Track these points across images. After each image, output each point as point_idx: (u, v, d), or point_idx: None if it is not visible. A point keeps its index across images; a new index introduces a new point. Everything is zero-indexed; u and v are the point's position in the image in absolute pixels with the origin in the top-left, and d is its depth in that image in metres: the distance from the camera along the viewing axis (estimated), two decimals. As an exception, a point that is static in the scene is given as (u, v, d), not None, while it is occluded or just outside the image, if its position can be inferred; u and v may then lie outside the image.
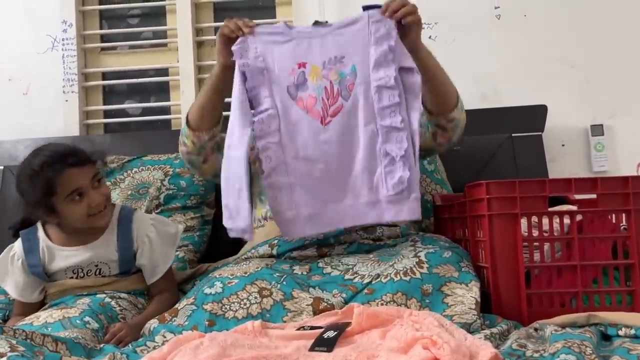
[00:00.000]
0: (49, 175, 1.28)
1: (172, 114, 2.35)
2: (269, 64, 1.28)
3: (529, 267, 1.22)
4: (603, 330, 1.04)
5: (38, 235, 1.39)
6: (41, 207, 1.32)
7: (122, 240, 1.39)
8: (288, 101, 1.27)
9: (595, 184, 1.23)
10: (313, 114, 1.26)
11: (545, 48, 2.18)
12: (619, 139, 2.15)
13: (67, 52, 2.29)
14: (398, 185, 1.24)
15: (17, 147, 2.16)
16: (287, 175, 1.25)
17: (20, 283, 1.38)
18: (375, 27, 1.28)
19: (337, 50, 1.29)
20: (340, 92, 1.27)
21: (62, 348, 1.01)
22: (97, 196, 1.33)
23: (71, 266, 1.38)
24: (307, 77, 1.28)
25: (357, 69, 1.27)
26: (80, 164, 1.32)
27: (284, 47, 1.29)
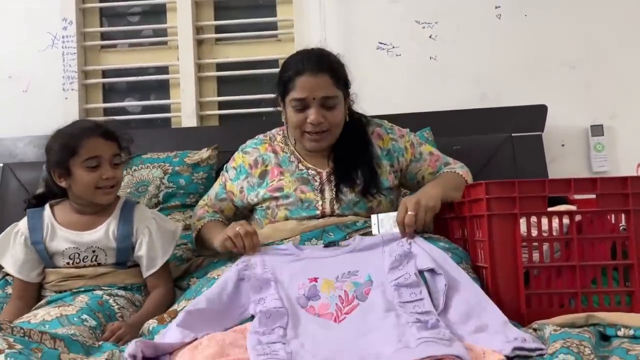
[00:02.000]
0: (77, 136, 1.39)
1: (172, 112, 2.35)
2: (278, 277, 1.21)
3: (528, 268, 1.22)
4: (602, 331, 1.04)
5: (44, 214, 1.45)
6: (60, 166, 1.40)
7: (122, 229, 1.43)
8: (297, 308, 1.14)
9: (595, 184, 1.22)
10: (325, 317, 1.12)
11: (546, 48, 2.18)
12: (619, 140, 2.15)
13: (67, 50, 2.29)
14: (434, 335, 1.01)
15: (17, 145, 2.16)
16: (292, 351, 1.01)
17: (20, 259, 1.42)
18: (388, 247, 1.26)
19: (350, 266, 1.22)
20: (356, 296, 1.16)
21: (60, 345, 1.01)
22: (110, 172, 1.40)
23: (70, 248, 1.41)
24: (319, 289, 1.18)
25: (373, 277, 1.19)
26: (108, 138, 1.42)
27: (293, 265, 1.24)
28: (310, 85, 1.41)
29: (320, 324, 1.10)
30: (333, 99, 1.44)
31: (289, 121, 1.49)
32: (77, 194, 1.42)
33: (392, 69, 2.21)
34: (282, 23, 2.34)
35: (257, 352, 0.96)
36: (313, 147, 1.48)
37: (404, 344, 0.98)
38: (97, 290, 1.39)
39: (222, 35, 2.34)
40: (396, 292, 1.13)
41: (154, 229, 1.44)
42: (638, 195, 1.20)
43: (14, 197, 2.02)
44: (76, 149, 1.38)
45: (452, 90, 2.19)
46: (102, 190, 1.40)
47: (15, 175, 2.06)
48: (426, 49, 2.21)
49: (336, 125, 1.47)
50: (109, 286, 1.41)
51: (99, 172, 1.39)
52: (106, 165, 1.40)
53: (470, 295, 1.13)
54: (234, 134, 2.04)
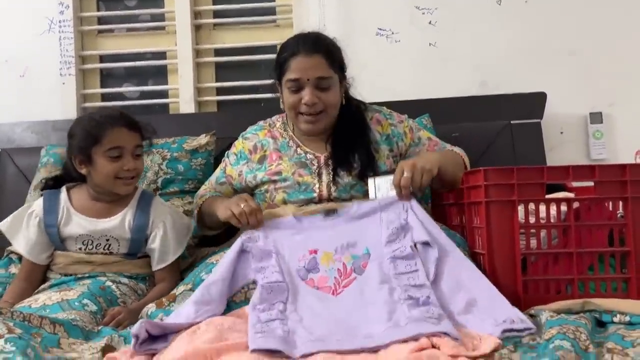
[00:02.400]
0: (101, 125, 1.39)
1: (170, 98, 2.33)
2: (279, 249, 1.24)
3: (526, 254, 1.22)
4: (598, 317, 1.04)
5: (60, 197, 1.45)
6: (82, 153, 1.40)
7: (137, 221, 1.43)
8: (297, 280, 1.18)
9: (593, 172, 1.23)
10: (324, 290, 1.17)
11: (546, 35, 2.17)
12: (618, 127, 2.14)
13: (64, 35, 2.27)
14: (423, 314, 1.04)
15: (15, 130, 2.16)
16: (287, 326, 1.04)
17: (32, 240, 1.42)
18: (386, 214, 1.27)
19: (349, 237, 1.25)
20: (354, 269, 1.20)
21: (59, 330, 1.02)
22: (132, 163, 1.41)
23: (83, 235, 1.42)
24: (318, 262, 1.22)
25: (370, 249, 1.22)
26: (132, 128, 1.42)
27: (294, 237, 1.26)
28: (304, 66, 1.43)
29: (319, 297, 1.14)
30: (327, 80, 1.45)
31: (285, 103, 1.50)
32: (97, 182, 1.42)
33: (391, 55, 2.20)
34: (280, 8, 2.32)
35: (255, 329, 0.98)
36: (308, 129, 1.48)
37: (394, 322, 1.02)
38: (101, 277, 1.39)
39: (220, 20, 2.33)
40: (392, 265, 1.17)
41: (169, 224, 1.45)
42: (636, 182, 1.21)
43: (11, 183, 2.02)
44: (99, 137, 1.38)
45: (451, 77, 2.18)
46: (123, 180, 1.41)
47: (13, 161, 2.05)
48: (426, 35, 2.20)
49: (331, 106, 1.47)
50: (115, 274, 1.41)
51: (120, 163, 1.39)
52: (128, 156, 1.40)
53: (461, 267, 1.16)
54: (232, 120, 2.04)
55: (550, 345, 0.87)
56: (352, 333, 1.01)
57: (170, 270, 1.45)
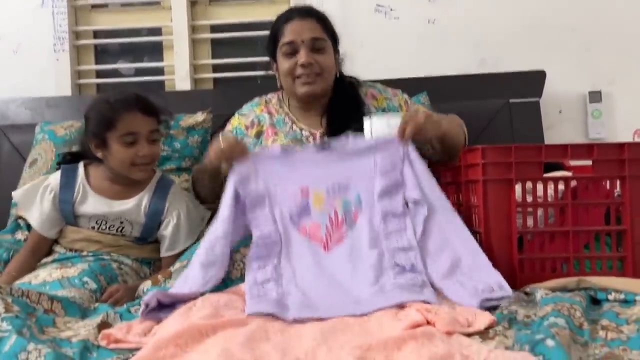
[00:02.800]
0: (116, 109, 1.37)
1: (165, 75, 2.31)
2: (270, 189, 1.23)
3: (522, 233, 1.22)
4: (593, 295, 1.05)
5: (78, 173, 1.44)
6: (97, 137, 1.38)
7: (154, 206, 1.43)
8: (290, 227, 1.20)
9: (592, 150, 1.22)
10: (315, 240, 1.19)
11: (547, 12, 2.14)
12: (617, 106, 2.13)
13: (57, 9, 2.23)
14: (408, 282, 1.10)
15: (9, 106, 2.13)
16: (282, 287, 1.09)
17: (44, 214, 1.42)
18: (380, 159, 1.23)
19: (341, 176, 1.23)
20: (345, 219, 1.21)
21: (57, 306, 1.02)
22: (147, 149, 1.38)
23: (98, 214, 1.41)
24: (310, 204, 1.22)
25: (362, 198, 1.22)
26: (147, 113, 1.39)
27: (285, 171, 1.24)
28: (298, 29, 1.44)
29: (311, 250, 1.17)
30: (321, 42, 1.45)
31: (280, 71, 1.49)
32: (113, 166, 1.41)
33: (390, 32, 2.17)
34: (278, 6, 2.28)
35: (251, 293, 1.04)
36: (306, 91, 1.46)
37: (380, 286, 1.08)
38: (105, 256, 1.39)
39: (216, -5, 2.29)
40: (383, 223, 1.18)
41: (184, 213, 1.44)
42: (634, 161, 1.20)
43: (6, 160, 2.00)
44: (114, 122, 1.36)
45: (450, 54, 2.15)
46: (138, 167, 1.39)
47: (8, 138, 2.04)
48: (425, 12, 2.17)
49: (327, 69, 1.47)
50: (121, 255, 1.41)
51: (135, 149, 1.37)
52: (143, 141, 1.38)
53: (449, 225, 1.18)
54: (229, 97, 2.02)
55: (544, 322, 0.87)
56: (341, 296, 1.06)
57: (177, 257, 1.44)
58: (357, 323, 0.94)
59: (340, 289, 1.08)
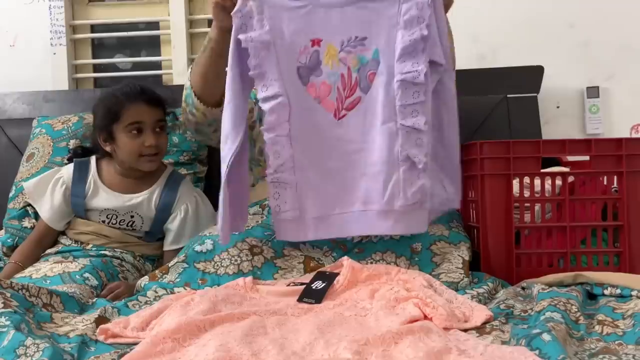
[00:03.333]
0: (120, 101, 1.38)
1: (163, 69, 2.30)
2: (277, 37, 1.07)
3: (519, 228, 1.23)
4: (589, 290, 1.05)
5: (90, 167, 1.45)
6: (104, 130, 1.40)
7: (164, 200, 1.43)
8: (298, 86, 1.09)
9: (589, 146, 1.22)
10: (326, 105, 1.09)
11: (545, 7, 2.13)
12: (614, 102, 2.13)
13: (54, 3, 2.22)
14: (417, 194, 1.09)
15: (5, 101, 2.12)
16: (294, 172, 1.10)
17: (55, 207, 1.43)
18: (405, 7, 1.07)
19: (358, 28, 1.08)
20: (359, 82, 1.09)
21: (55, 301, 1.02)
22: (152, 138, 1.38)
23: (109, 209, 1.42)
24: (321, 58, 1.08)
25: (381, 55, 1.08)
26: (151, 103, 1.40)
27: (295, 14, 1.08)
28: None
29: (321, 115, 1.10)
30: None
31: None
32: (121, 159, 1.42)
33: (388, 27, 2.17)
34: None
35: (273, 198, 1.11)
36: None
37: (387, 201, 1.10)
38: (108, 251, 1.39)
39: (214, -11, 2.27)
40: (400, 91, 1.07)
41: (192, 208, 1.44)
42: (632, 157, 1.21)
43: (3, 154, 2.00)
44: (119, 114, 1.37)
45: (448, 49, 2.15)
46: (145, 157, 1.39)
47: (5, 132, 2.03)
48: (423, 6, 2.16)
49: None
50: (125, 252, 1.42)
51: (141, 139, 1.37)
52: (148, 131, 1.38)
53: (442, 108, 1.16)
54: (226, 92, 2.01)
55: (541, 317, 0.88)
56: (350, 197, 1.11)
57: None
58: (354, 317, 0.94)
59: (349, 185, 1.11)
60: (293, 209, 1.12)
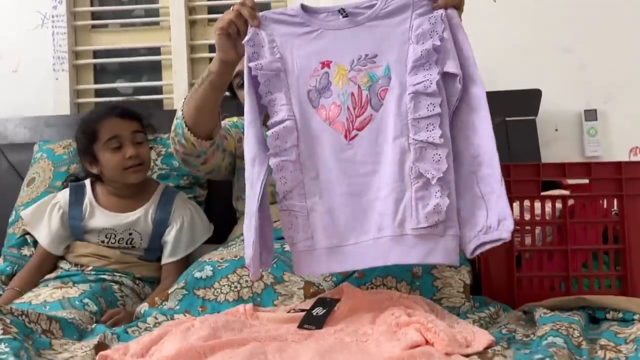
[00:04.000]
0: (94, 121, 1.43)
1: (164, 93, 2.32)
2: (288, 63, 1.06)
3: (520, 251, 1.22)
4: (591, 314, 1.05)
5: (85, 190, 1.48)
6: (87, 154, 1.44)
7: (160, 214, 1.46)
8: (308, 109, 1.06)
9: (589, 169, 1.23)
10: (336, 127, 1.05)
11: (541, 32, 2.16)
12: (613, 125, 2.15)
13: (57, 30, 2.25)
14: (432, 215, 0.99)
15: (7, 126, 2.14)
16: (305, 199, 1.05)
17: (53, 232, 1.44)
18: (417, 23, 1.04)
19: (369, 46, 1.05)
20: (370, 99, 1.04)
21: (55, 327, 1.01)
22: (133, 150, 1.41)
23: (107, 228, 1.44)
24: (331, 79, 1.05)
25: (392, 70, 1.04)
26: (125, 116, 1.44)
27: (304, 39, 1.07)
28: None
29: (331, 137, 1.05)
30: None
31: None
32: (109, 177, 1.45)
33: (386, 52, 2.19)
34: (275, 4, 2.31)
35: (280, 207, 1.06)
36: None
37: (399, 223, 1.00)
38: (107, 275, 1.39)
39: (215, 16, 2.31)
40: (412, 103, 1.01)
41: (187, 219, 1.47)
42: (631, 180, 1.21)
43: (4, 179, 2.00)
44: (96, 133, 1.41)
45: (446, 73, 2.17)
46: (130, 169, 1.42)
47: (6, 157, 2.04)
48: (421, 31, 2.19)
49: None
50: (124, 274, 1.41)
51: (122, 152, 1.41)
52: (128, 143, 1.41)
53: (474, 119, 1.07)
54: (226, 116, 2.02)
55: (543, 342, 0.87)
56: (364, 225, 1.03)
57: (177, 266, 1.44)
58: (355, 342, 0.93)
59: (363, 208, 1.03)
60: (306, 239, 1.05)
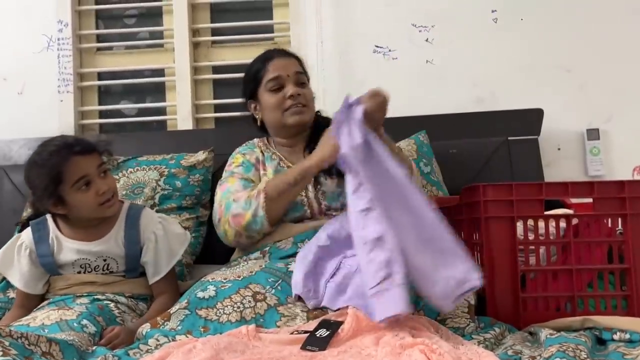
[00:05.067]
0: (55, 163, 1.30)
1: (167, 114, 2.34)
2: None
3: (525, 271, 1.21)
4: (598, 335, 1.03)
5: (48, 225, 1.41)
6: (50, 197, 1.32)
7: (129, 235, 1.40)
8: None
9: (592, 188, 1.22)
10: None
11: (542, 52, 2.18)
12: (615, 144, 2.15)
13: (62, 52, 2.28)
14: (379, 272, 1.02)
15: (11, 147, 2.15)
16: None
17: (26, 273, 1.39)
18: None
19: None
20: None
21: (55, 349, 1.00)
22: (103, 185, 1.35)
23: (79, 260, 1.39)
24: None
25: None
26: (86, 152, 1.34)
27: None
28: (282, 65, 1.54)
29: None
30: (304, 75, 1.57)
31: (267, 106, 1.55)
32: (79, 216, 1.38)
33: (388, 72, 2.21)
34: (278, 26, 2.34)
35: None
36: (296, 120, 1.52)
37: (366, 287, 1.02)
38: (100, 295, 1.37)
39: (218, 37, 2.34)
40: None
41: (160, 233, 1.42)
42: (635, 199, 1.21)
43: (7, 200, 2.01)
44: (60, 176, 1.30)
45: (448, 93, 2.19)
46: (105, 205, 1.36)
47: (10, 178, 2.05)
48: (423, 52, 2.21)
49: (311, 101, 1.56)
50: (116, 294, 1.39)
51: (93, 189, 1.33)
52: (96, 179, 1.34)
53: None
54: (230, 137, 2.03)
55: (550, 364, 0.86)
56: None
57: (166, 282, 1.42)
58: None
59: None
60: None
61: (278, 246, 1.37)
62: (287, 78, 1.52)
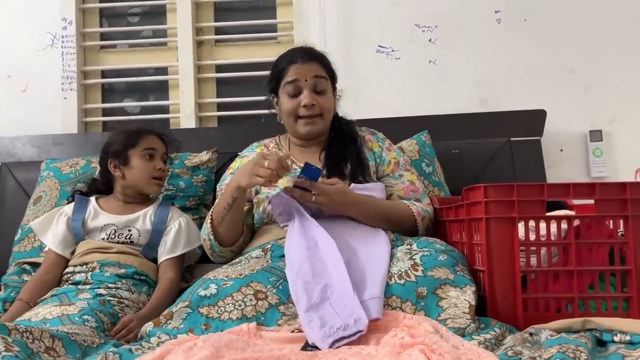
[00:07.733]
0: (136, 132, 1.64)
1: (170, 113, 2.34)
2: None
3: (525, 272, 1.21)
4: (598, 336, 1.03)
5: (90, 200, 1.64)
6: (118, 156, 1.61)
7: (159, 214, 1.62)
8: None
9: (594, 190, 1.22)
10: None
11: (545, 53, 2.18)
12: (618, 145, 2.15)
13: (66, 50, 2.29)
14: None
15: (15, 144, 2.16)
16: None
17: (59, 235, 1.57)
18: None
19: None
20: None
21: (57, 345, 1.01)
22: (162, 164, 1.64)
23: (107, 225, 1.57)
24: None
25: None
26: (161, 138, 1.66)
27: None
28: (302, 69, 1.52)
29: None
30: (323, 81, 1.53)
31: (283, 109, 1.56)
32: (130, 182, 1.61)
33: (391, 72, 2.22)
34: (281, 25, 2.34)
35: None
36: (307, 131, 1.54)
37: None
38: (101, 289, 1.40)
39: (221, 36, 2.34)
40: None
41: (184, 223, 1.61)
42: (637, 201, 1.20)
43: (11, 196, 2.02)
44: (135, 141, 1.61)
45: (451, 94, 2.19)
46: (155, 180, 1.61)
47: (13, 175, 2.05)
48: (426, 52, 2.22)
49: (327, 110, 1.55)
50: (121, 277, 1.46)
51: (153, 163, 1.61)
52: (158, 158, 1.63)
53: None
54: (233, 136, 2.04)
55: (550, 365, 0.86)
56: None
57: (174, 263, 1.55)
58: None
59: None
60: None
61: (280, 244, 1.37)
62: (305, 83, 1.51)
